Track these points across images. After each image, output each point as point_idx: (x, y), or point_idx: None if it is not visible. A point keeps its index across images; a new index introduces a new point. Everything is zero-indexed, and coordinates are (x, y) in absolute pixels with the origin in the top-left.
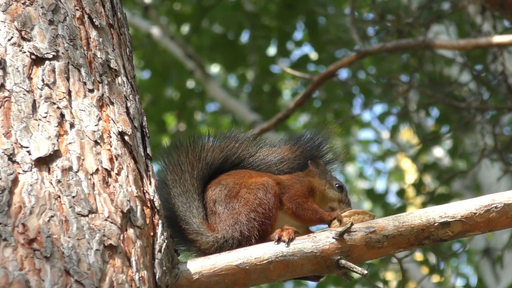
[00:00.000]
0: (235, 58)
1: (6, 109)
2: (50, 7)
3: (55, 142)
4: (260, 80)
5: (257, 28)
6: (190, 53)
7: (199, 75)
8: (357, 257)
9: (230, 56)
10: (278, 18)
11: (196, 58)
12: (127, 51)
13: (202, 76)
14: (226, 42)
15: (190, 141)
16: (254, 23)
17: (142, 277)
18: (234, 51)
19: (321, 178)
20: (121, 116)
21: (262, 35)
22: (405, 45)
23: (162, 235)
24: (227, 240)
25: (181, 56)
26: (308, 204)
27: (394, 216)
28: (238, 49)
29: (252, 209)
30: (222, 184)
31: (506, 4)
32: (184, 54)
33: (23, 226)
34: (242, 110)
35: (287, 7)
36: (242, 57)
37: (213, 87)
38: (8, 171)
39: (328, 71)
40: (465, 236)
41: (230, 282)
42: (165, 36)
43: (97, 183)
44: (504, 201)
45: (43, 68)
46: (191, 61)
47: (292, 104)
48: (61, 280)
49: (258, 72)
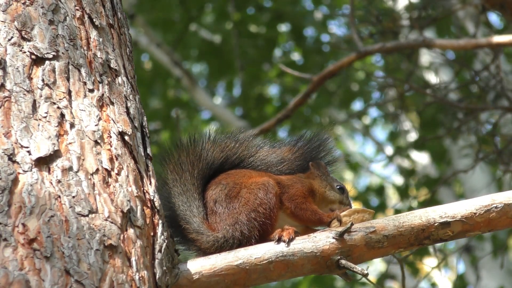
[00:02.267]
0: (221, 66)
1: (6, 109)
2: (50, 7)
3: (55, 142)
4: (247, 87)
5: (244, 35)
6: (177, 61)
7: (186, 83)
8: (357, 257)
9: (217, 63)
10: (266, 26)
11: (182, 66)
12: (127, 51)
13: (189, 83)
14: (213, 49)
15: (191, 140)
16: (241, 30)
17: (142, 277)
18: (220, 58)
19: (322, 179)
20: (121, 116)
21: (249, 43)
22: (405, 45)
23: (162, 235)
24: (227, 240)
25: (168, 64)
26: (307, 205)
27: (394, 216)
28: (224, 57)
29: (253, 209)
30: (222, 184)
31: (506, 4)
32: (171, 61)
33: (23, 226)
34: (229, 117)
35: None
36: (228, 64)
37: (200, 94)
38: (8, 171)
39: (328, 71)
40: (465, 236)
41: (230, 282)
42: (151, 44)
43: (97, 183)
44: (504, 201)
45: (43, 68)
46: (178, 68)
47: (292, 104)
48: (61, 280)
49: (245, 79)
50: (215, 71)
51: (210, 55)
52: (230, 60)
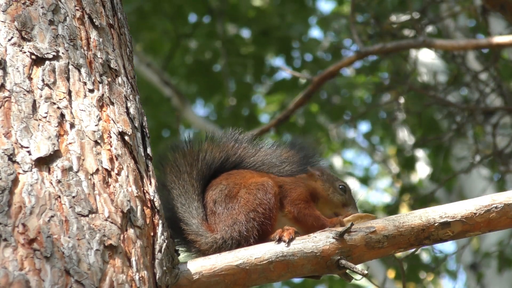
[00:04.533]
0: (211, 85)
1: (6, 109)
2: (50, 7)
3: (55, 142)
4: (237, 106)
5: (233, 55)
6: (167, 80)
7: (176, 102)
8: (357, 257)
9: (206, 83)
10: (254, 44)
11: (172, 85)
12: (127, 51)
13: (179, 102)
14: (202, 69)
15: (188, 141)
16: (230, 49)
17: (142, 277)
18: (210, 78)
19: (324, 182)
20: (121, 116)
21: (238, 62)
22: (405, 45)
23: (162, 235)
24: (225, 241)
25: (157, 83)
26: (310, 210)
27: (394, 216)
28: (213, 76)
29: (252, 209)
30: (222, 184)
31: (506, 5)
32: (161, 81)
33: (23, 226)
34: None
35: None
36: (218, 84)
37: (191, 113)
38: (8, 171)
39: (328, 72)
40: (465, 236)
41: (230, 282)
42: (141, 63)
43: (97, 183)
44: (504, 201)
45: (43, 68)
46: (167, 88)
47: (292, 105)
48: (61, 280)
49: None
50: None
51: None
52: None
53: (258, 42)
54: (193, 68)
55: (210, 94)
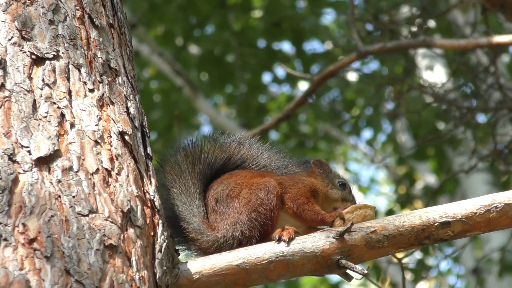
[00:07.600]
0: (222, 76)
1: (6, 109)
2: (50, 7)
3: (55, 142)
4: (248, 97)
5: (244, 46)
6: (179, 70)
7: (188, 92)
8: (357, 257)
9: (218, 73)
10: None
11: (184, 75)
12: (127, 51)
13: (190, 92)
14: (213, 60)
15: (190, 140)
16: (241, 41)
17: (142, 277)
18: (221, 68)
19: (324, 178)
20: (121, 116)
21: (249, 53)
22: (405, 45)
23: (162, 235)
24: (227, 240)
25: (169, 73)
26: (309, 205)
27: (395, 216)
28: (225, 67)
29: (254, 209)
30: (224, 184)
31: (506, 4)
32: (173, 70)
33: (23, 226)
34: (231, 126)
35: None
36: (229, 75)
37: (202, 103)
38: (8, 171)
39: (328, 71)
40: (465, 236)
41: (230, 282)
42: (153, 53)
43: (97, 183)
44: (504, 201)
45: (43, 68)
46: (179, 77)
47: (293, 104)
48: (61, 280)
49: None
50: (215, 80)
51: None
52: (231, 70)
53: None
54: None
55: (221, 84)
